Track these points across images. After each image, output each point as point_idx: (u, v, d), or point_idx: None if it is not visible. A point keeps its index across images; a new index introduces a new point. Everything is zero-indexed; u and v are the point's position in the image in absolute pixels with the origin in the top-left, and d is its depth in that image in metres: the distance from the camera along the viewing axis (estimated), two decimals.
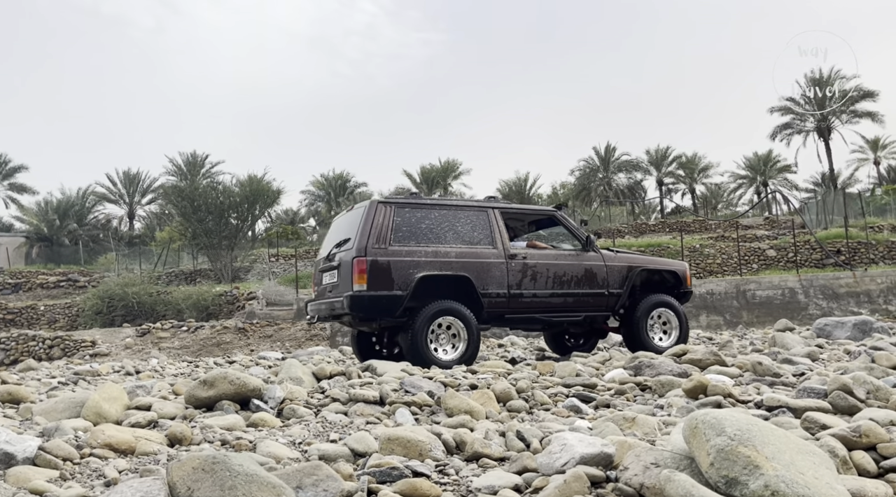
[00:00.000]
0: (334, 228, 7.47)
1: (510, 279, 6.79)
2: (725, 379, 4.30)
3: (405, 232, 6.54)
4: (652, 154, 50.75)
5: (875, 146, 53.25)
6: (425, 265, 6.45)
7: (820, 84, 44.91)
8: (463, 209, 6.94)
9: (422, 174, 48.15)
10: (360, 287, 6.25)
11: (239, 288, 22.04)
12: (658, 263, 7.82)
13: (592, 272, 7.18)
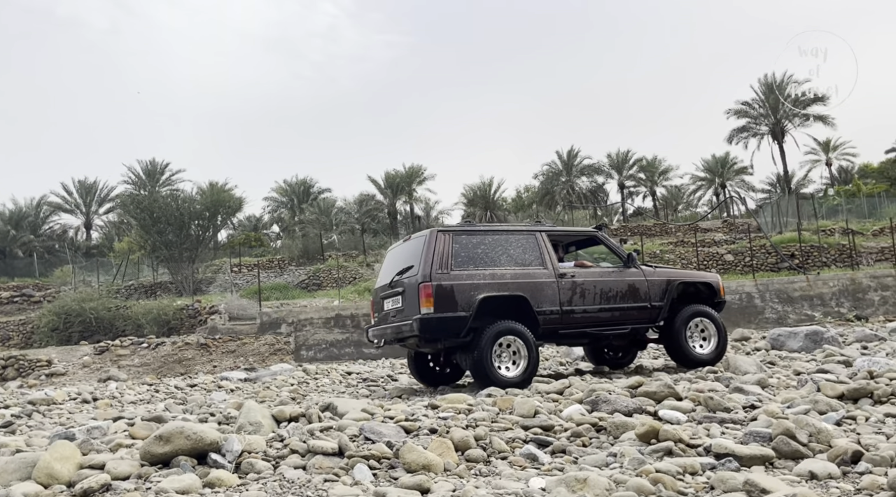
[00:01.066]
0: (392, 257, 7.94)
1: (561, 297, 7.28)
2: (679, 415, 4.42)
3: (464, 257, 7.04)
4: (613, 158, 51.49)
5: (827, 148, 54.84)
6: (485, 287, 6.91)
7: (774, 88, 46.11)
8: (514, 234, 7.49)
9: (386, 180, 48.04)
10: (427, 310, 6.69)
11: (201, 301, 21.71)
12: (694, 276, 8.30)
13: (635, 287, 7.69)
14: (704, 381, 6.12)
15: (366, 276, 23.45)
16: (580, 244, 8.82)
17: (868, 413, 4.12)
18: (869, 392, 4.69)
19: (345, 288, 22.82)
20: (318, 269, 25.30)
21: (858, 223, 30.57)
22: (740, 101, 47.22)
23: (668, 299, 7.75)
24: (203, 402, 7.99)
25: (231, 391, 9.98)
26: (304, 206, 47.54)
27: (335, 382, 10.20)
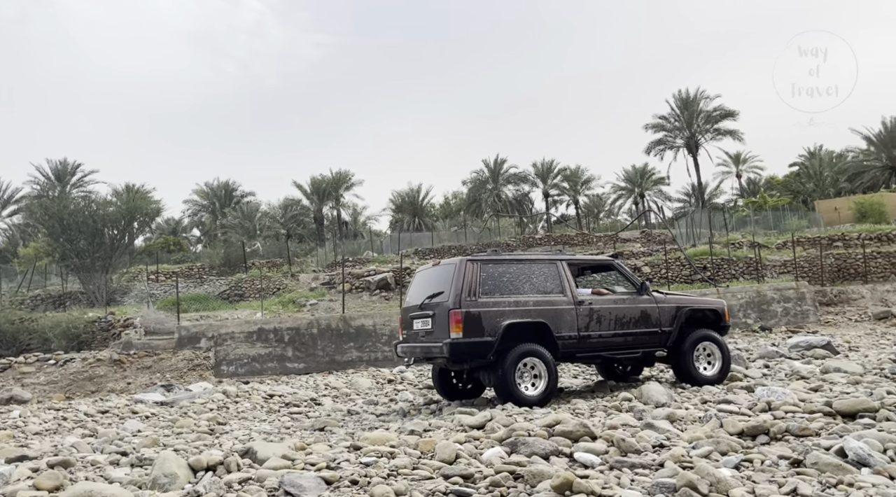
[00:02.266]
0: (421, 279, 8.44)
1: (579, 323, 7.84)
2: (593, 458, 4.59)
3: (490, 285, 7.58)
4: (538, 167, 52.59)
5: (737, 161, 57.82)
6: (510, 314, 7.47)
7: (688, 104, 48.29)
8: (536, 262, 8.03)
9: (312, 185, 47.38)
10: (456, 335, 7.23)
11: (115, 313, 20.77)
12: (701, 303, 8.90)
13: (647, 313, 8.27)
14: (619, 413, 6.36)
15: (290, 287, 23.05)
16: (597, 271, 9.34)
17: (764, 455, 4.40)
18: (766, 429, 5.01)
19: (268, 299, 22.36)
20: (241, 279, 24.68)
21: (765, 235, 32.37)
22: (658, 115, 49.25)
23: (678, 324, 8.32)
24: (114, 437, 7.67)
25: (146, 418, 9.62)
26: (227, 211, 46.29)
27: (256, 407, 10.00)
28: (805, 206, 44.68)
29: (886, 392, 6.33)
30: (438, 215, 56.32)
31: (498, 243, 34.09)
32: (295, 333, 18.09)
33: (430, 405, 8.83)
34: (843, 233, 28.04)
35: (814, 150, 56.37)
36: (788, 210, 41.16)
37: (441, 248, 32.63)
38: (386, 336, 18.64)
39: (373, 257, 32.14)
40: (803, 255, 24.51)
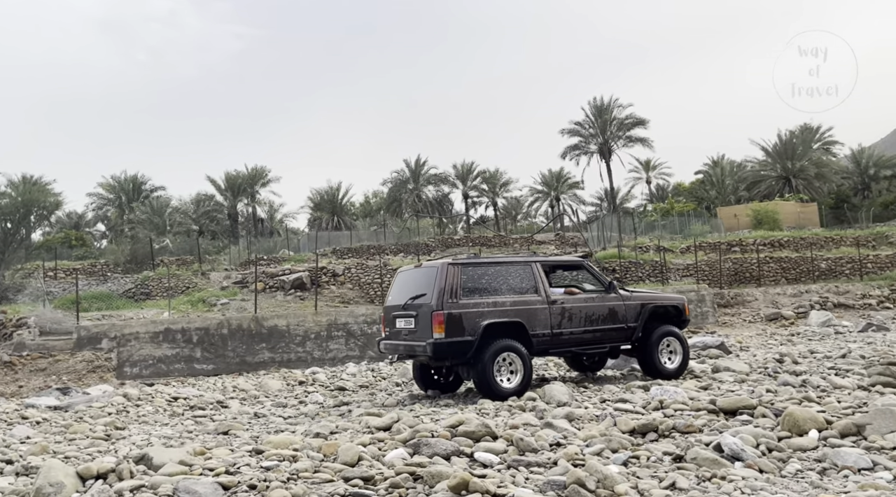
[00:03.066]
0: (404, 280, 8.84)
1: (552, 321, 8.38)
2: (492, 458, 4.72)
3: (470, 287, 8.04)
4: (458, 168, 53.09)
5: (647, 167, 60.31)
6: (489, 314, 7.95)
7: (602, 111, 49.98)
8: (513, 264, 8.55)
9: (227, 180, 45.98)
10: (439, 335, 7.70)
11: (6, 312, 19.48)
12: (663, 299, 9.57)
13: (614, 310, 8.86)
14: (523, 413, 6.55)
15: (201, 286, 22.32)
16: (568, 271, 9.94)
17: (650, 452, 4.66)
18: (655, 426, 5.30)
19: (177, 298, 21.57)
20: (148, 277, 23.69)
21: (671, 239, 33.90)
22: (573, 121, 50.71)
23: (642, 320, 8.95)
24: (0, 443, 7.22)
25: (37, 424, 9.09)
26: (135, 205, 44.27)
27: (159, 410, 9.66)
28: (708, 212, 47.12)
29: (766, 390, 6.82)
30: (358, 214, 55.91)
31: (417, 244, 34.19)
32: (204, 334, 17.55)
33: (339, 407, 8.80)
34: (741, 239, 29.78)
35: (717, 159, 59.51)
36: (693, 216, 43.28)
37: (360, 248, 32.41)
38: (300, 337, 18.38)
39: (289, 256, 31.55)
40: (704, 260, 25.85)
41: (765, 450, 4.55)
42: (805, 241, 28.79)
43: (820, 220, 42.55)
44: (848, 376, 7.64)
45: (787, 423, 5.00)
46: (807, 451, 4.51)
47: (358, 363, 16.40)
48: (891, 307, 22.41)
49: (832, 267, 25.75)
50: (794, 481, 3.93)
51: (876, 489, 3.61)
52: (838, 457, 4.19)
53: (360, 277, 22.52)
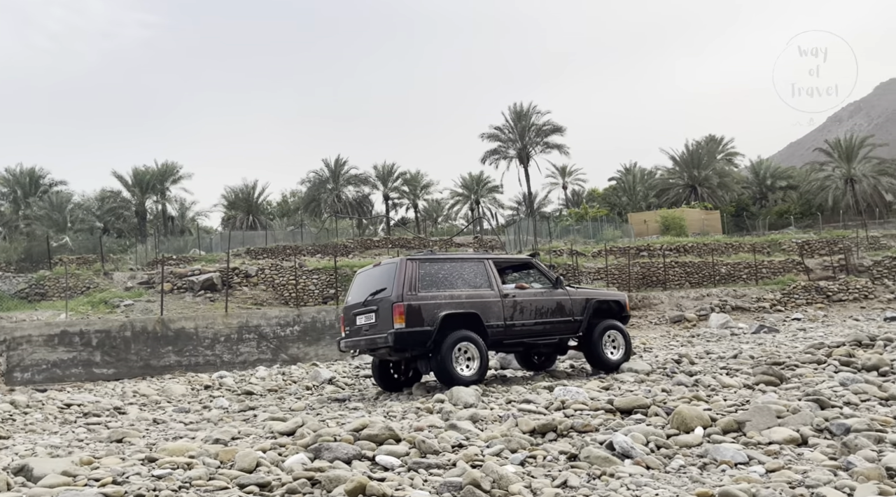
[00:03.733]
0: (363, 279, 9.23)
1: (505, 313, 8.86)
2: (394, 461, 4.72)
3: (428, 281, 8.48)
4: (379, 169, 52.87)
5: (563, 173, 61.98)
6: (446, 306, 8.41)
7: (521, 116, 50.99)
8: (467, 261, 9.10)
9: (135, 176, 43.97)
10: (399, 325, 8.11)
11: None
12: (606, 295, 10.25)
13: (562, 304, 9.38)
14: (430, 415, 6.59)
15: (103, 286, 21.24)
16: (518, 269, 10.40)
17: (547, 451, 4.79)
18: (554, 426, 5.45)
19: (76, 299, 20.43)
20: (44, 276, 22.32)
21: (584, 243, 34.95)
22: (493, 125, 51.50)
23: (587, 314, 9.47)
24: None
25: None
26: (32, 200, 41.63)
27: (49, 418, 9.12)
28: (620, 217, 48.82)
29: (661, 390, 7.14)
30: (275, 214, 54.73)
31: (335, 245, 33.78)
32: (105, 336, 16.72)
33: (245, 412, 8.59)
34: (649, 244, 31.07)
35: (629, 167, 61.83)
36: (606, 221, 44.74)
37: (275, 248, 31.71)
38: (209, 339, 17.81)
39: (200, 256, 30.50)
40: (615, 263, 26.81)
41: (654, 447, 4.75)
42: (708, 246, 30.34)
43: (722, 227, 44.94)
44: (736, 376, 8.08)
45: (676, 421, 5.25)
46: (692, 448, 4.75)
47: (270, 366, 16.05)
48: (782, 310, 23.93)
49: (731, 272, 27.25)
50: (676, 476, 4.13)
51: (748, 482, 3.84)
52: (718, 452, 4.43)
53: (275, 278, 22.04)
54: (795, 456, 4.42)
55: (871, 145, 52.64)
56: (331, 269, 22.43)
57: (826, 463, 4.15)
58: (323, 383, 10.98)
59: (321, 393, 10.01)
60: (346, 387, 10.65)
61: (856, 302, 24.55)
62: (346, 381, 11.16)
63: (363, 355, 9.47)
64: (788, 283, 25.90)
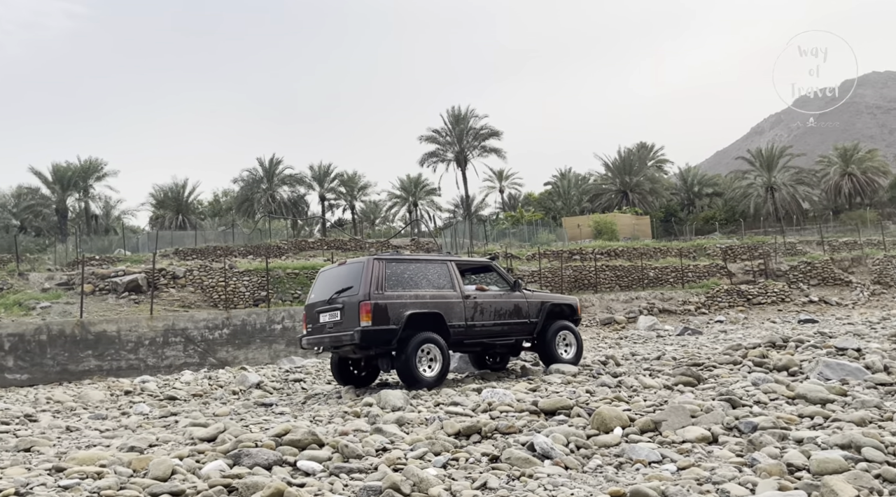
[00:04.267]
0: (326, 277, 9.38)
1: (466, 314, 9.10)
2: (315, 466, 4.66)
3: (394, 281, 8.66)
4: (315, 169, 52.20)
5: (500, 177, 62.72)
6: (411, 305, 8.59)
7: (459, 120, 51.32)
8: (431, 262, 9.31)
9: (55, 172, 41.96)
10: (366, 323, 8.24)
11: None
12: (559, 299, 10.54)
13: (519, 306, 9.71)
14: (356, 419, 6.53)
15: (17, 287, 20.16)
16: (477, 271, 10.68)
17: (469, 453, 4.82)
18: (479, 428, 5.49)
19: None
20: None
21: (519, 247, 35.44)
22: (431, 128, 51.64)
23: (542, 316, 9.83)
24: None
25: None
26: None
27: None
28: (555, 221, 49.79)
29: (585, 391, 7.29)
30: (206, 214, 53.29)
31: (269, 246, 33.14)
32: (18, 340, 15.89)
33: (166, 418, 8.30)
34: (582, 248, 31.76)
35: (564, 172, 63.12)
36: (541, 225, 45.53)
37: (206, 249, 30.86)
38: (132, 342, 17.17)
39: (125, 256, 29.40)
40: (548, 267, 27.28)
41: (574, 447, 4.85)
42: (638, 251, 31.26)
43: (652, 232, 46.42)
44: (658, 377, 8.34)
45: (596, 422, 5.38)
46: (610, 448, 4.87)
47: (197, 370, 15.58)
48: (706, 313, 24.87)
49: (659, 275, 28.15)
50: (592, 476, 4.22)
51: (660, 480, 3.96)
52: (634, 452, 4.56)
53: (204, 280, 21.43)
54: (706, 454, 4.59)
55: (790, 155, 55.46)
56: (263, 270, 21.98)
57: (733, 460, 4.33)
58: (250, 388, 10.73)
59: (248, 397, 9.78)
60: (273, 391, 10.45)
61: (773, 305, 25.75)
62: (274, 385, 10.94)
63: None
64: (712, 286, 26.94)
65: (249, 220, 47.20)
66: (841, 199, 53.56)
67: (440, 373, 8.66)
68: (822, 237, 36.32)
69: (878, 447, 4.18)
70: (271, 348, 18.95)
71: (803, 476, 3.87)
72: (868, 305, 25.08)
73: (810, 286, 27.81)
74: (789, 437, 4.75)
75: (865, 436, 4.37)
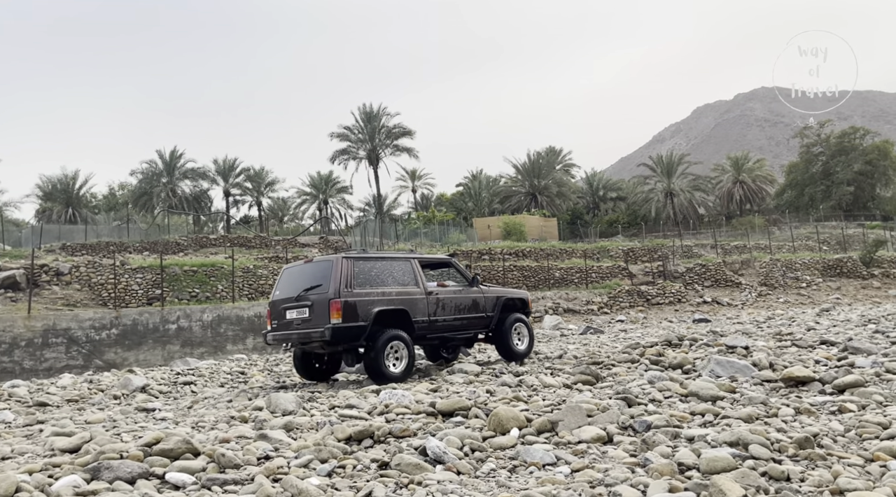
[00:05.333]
0: (291, 274, 9.51)
1: (429, 309, 9.43)
2: (186, 478, 4.24)
3: (362, 279, 8.88)
4: (220, 164, 50.24)
5: (413, 177, 62.60)
6: (378, 302, 8.84)
7: (371, 118, 50.75)
8: (396, 260, 9.59)
9: None
10: (336, 320, 8.43)
11: None
12: (513, 293, 11.01)
13: (477, 302, 10.18)
14: (242, 424, 6.10)
15: None
16: (437, 267, 11.15)
17: (358, 460, 4.53)
18: (371, 432, 5.20)
19: None
20: None
21: (430, 246, 35.36)
22: (343, 125, 50.77)
23: (498, 310, 10.33)
24: None
25: None
26: None
27: None
28: (465, 222, 50.12)
29: (486, 391, 7.14)
30: (101, 207, 50.21)
31: (167, 242, 31.51)
32: None
33: (31, 426, 7.51)
34: (491, 248, 32.04)
35: (476, 173, 63.71)
36: (452, 225, 45.68)
37: (97, 244, 28.98)
38: (6, 344, 15.79)
39: (6, 251, 27.12)
40: None
41: (468, 451, 4.66)
42: (545, 251, 31.85)
43: (559, 234, 47.55)
44: (559, 375, 8.33)
45: (493, 423, 5.21)
46: (505, 450, 4.71)
47: (81, 373, 14.44)
48: (608, 312, 25.59)
49: (565, 276, 28.76)
50: (484, 481, 4.03)
51: (553, 483, 3.82)
52: (528, 454, 4.41)
53: (92, 277, 20.00)
54: (600, 454, 4.50)
55: (688, 163, 58.29)
56: (158, 267, 20.77)
57: (627, 460, 4.26)
58: (134, 392, 9.98)
59: (130, 402, 9.06)
60: (160, 395, 9.75)
61: (671, 305, 26.84)
62: (161, 389, 10.23)
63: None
64: (614, 287, 27.78)
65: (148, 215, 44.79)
66: (733, 205, 56.80)
67: (406, 368, 8.87)
68: (716, 241, 38.31)
69: (764, 444, 4.21)
70: (165, 349, 17.90)
71: (693, 475, 3.82)
72: (756, 305, 26.58)
73: (705, 287, 29.19)
74: (681, 435, 4.74)
75: (753, 433, 4.41)
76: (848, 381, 6.07)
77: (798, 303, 26.98)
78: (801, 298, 28.10)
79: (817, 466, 3.97)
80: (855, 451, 4.30)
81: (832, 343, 9.77)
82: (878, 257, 32.61)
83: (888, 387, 6.12)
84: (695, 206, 54.62)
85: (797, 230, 43.03)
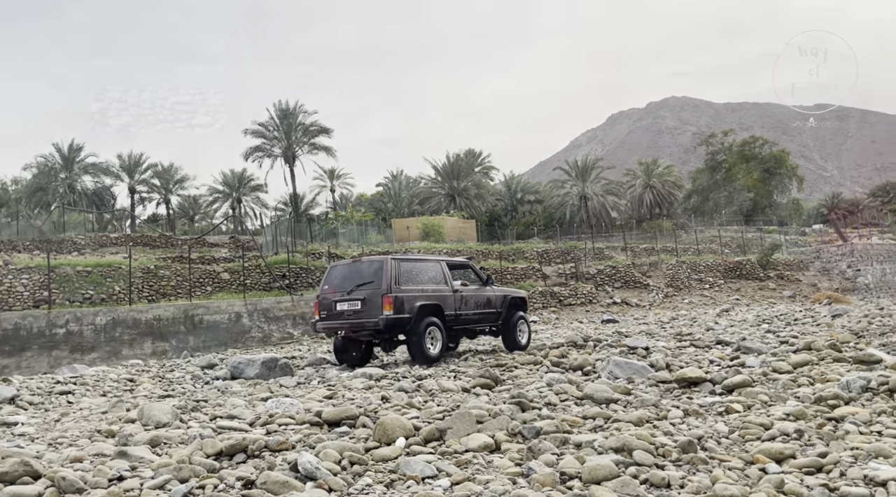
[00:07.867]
0: (340, 272, 10.97)
1: (455, 305, 10.98)
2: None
3: (405, 277, 10.38)
4: (125, 159, 47.73)
5: (331, 176, 61.53)
6: (419, 298, 10.34)
7: (287, 115, 49.46)
8: (429, 262, 11.29)
9: None
10: (388, 312, 9.91)
11: None
12: (517, 293, 12.81)
13: (490, 299, 11.75)
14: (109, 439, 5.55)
15: None
16: (457, 268, 12.27)
17: (222, 479, 4.13)
18: (244, 447, 4.79)
19: None
20: None
21: (349, 247, 34.68)
22: (257, 121, 49.21)
23: (506, 307, 11.82)
24: None
25: None
26: None
27: None
28: (385, 222, 49.62)
29: (381, 397, 6.83)
30: None
31: (63, 240, 29.53)
32: None
33: None
34: (407, 249, 31.73)
35: (396, 174, 63.30)
36: (371, 225, 45.07)
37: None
38: None
39: None
40: None
41: (347, 464, 4.34)
42: (462, 253, 31.81)
43: (477, 235, 47.79)
44: (461, 379, 8.13)
45: (378, 433, 4.91)
46: (388, 462, 4.42)
47: None
48: None
49: None
50: None
51: None
52: (408, 467, 4.14)
53: None
54: (485, 464, 4.28)
55: (602, 168, 59.95)
56: (46, 267, 19.32)
57: (510, 470, 4.05)
58: (2, 403, 9.07)
59: None
60: (29, 407, 8.89)
61: (583, 306, 27.36)
62: (33, 399, 9.34)
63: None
64: (529, 288, 28.03)
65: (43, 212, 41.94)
66: (644, 210, 58.81)
67: (441, 350, 10.38)
68: (626, 244, 39.45)
69: (648, 450, 4.10)
70: (51, 356, 16.62)
71: (574, 486, 3.65)
72: (662, 306, 27.46)
73: (615, 288, 29.94)
74: (570, 441, 4.59)
75: (639, 438, 4.30)
76: (736, 382, 6.14)
77: (702, 303, 28.07)
78: (704, 299, 29.25)
79: (699, 471, 3.88)
80: (737, 453, 4.26)
81: (727, 343, 10.04)
82: (774, 260, 34.43)
83: (773, 386, 6.23)
84: (608, 210, 56.22)
85: (702, 234, 44.94)
